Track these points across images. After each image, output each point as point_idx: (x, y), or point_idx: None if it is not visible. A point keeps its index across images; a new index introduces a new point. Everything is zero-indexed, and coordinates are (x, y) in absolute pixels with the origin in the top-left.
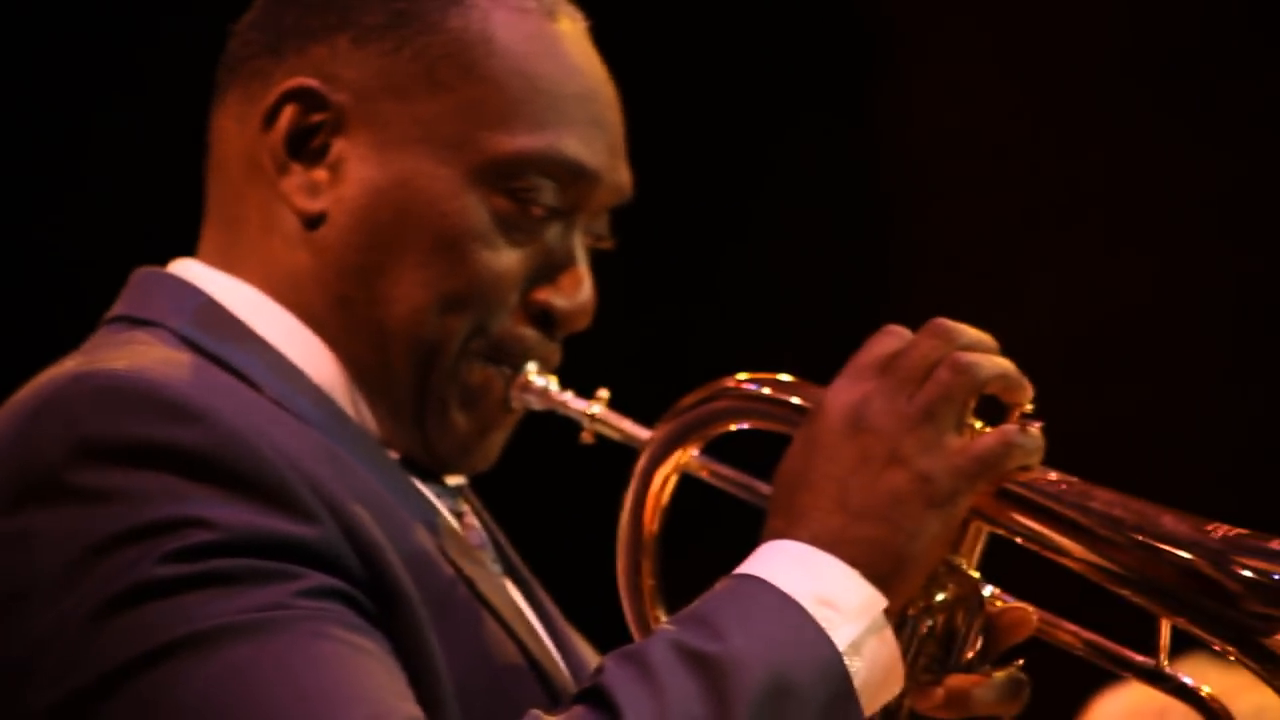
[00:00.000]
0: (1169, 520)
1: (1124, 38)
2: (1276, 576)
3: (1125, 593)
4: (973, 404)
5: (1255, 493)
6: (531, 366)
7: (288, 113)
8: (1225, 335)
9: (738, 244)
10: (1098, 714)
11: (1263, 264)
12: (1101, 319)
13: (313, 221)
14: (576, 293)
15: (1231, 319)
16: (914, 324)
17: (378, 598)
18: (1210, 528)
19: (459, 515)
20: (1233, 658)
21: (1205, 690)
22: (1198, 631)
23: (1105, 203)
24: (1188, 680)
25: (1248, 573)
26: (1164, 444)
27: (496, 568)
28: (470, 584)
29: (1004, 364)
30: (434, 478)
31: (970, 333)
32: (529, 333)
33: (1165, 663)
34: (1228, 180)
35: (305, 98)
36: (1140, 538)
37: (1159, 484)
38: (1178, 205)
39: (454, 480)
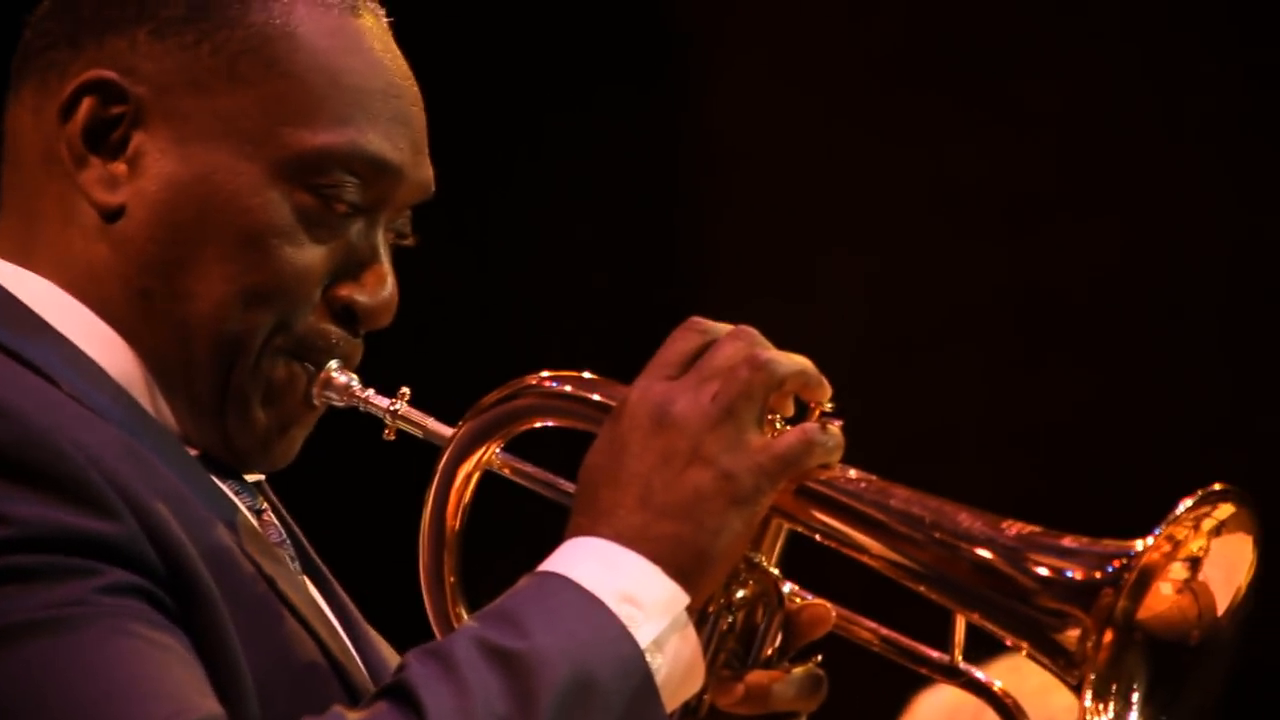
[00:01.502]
0: (965, 518)
1: (920, 36)
2: (1068, 574)
3: (922, 589)
4: (774, 401)
5: (1046, 488)
6: (334, 363)
7: (86, 105)
8: (1022, 329)
9: (537, 242)
10: (918, 711)
11: (1059, 256)
12: (900, 315)
13: (111, 215)
14: (379, 289)
15: (1024, 313)
16: (714, 318)
17: (179, 595)
18: (1005, 525)
19: (258, 513)
20: (1025, 652)
21: (997, 685)
22: (992, 627)
23: (904, 199)
24: (980, 675)
25: (1041, 569)
26: (958, 440)
27: (295, 566)
28: (270, 582)
29: (803, 362)
30: (233, 474)
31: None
32: (332, 329)
33: (959, 658)
34: (1020, 175)
35: (103, 90)
36: (938, 535)
37: (953, 480)
38: (972, 200)
39: (253, 477)
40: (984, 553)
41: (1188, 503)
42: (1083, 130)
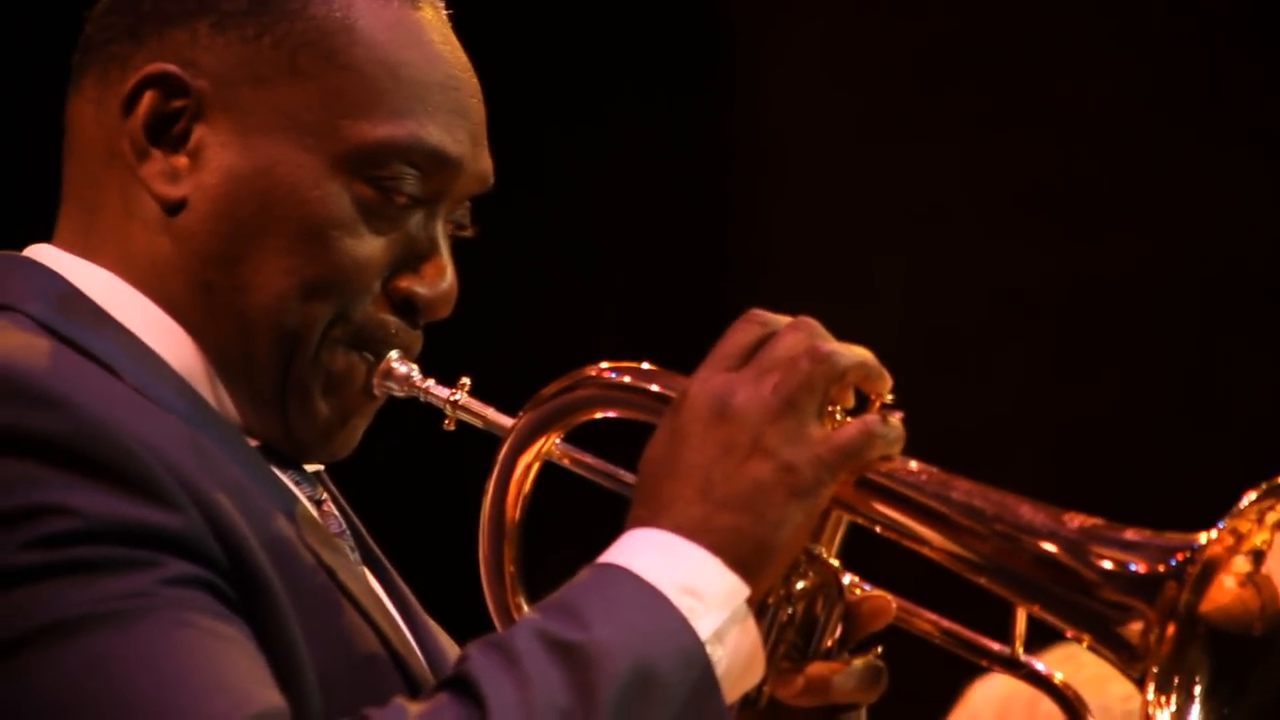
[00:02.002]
0: (1027, 510)
1: (968, 36)
2: (1131, 567)
3: (983, 581)
4: (835, 393)
5: (1089, 486)
6: (394, 354)
7: (147, 98)
8: (1064, 328)
9: (592, 238)
10: (971, 701)
11: (1101, 255)
12: (942, 313)
13: (173, 208)
14: (439, 281)
15: (1067, 312)
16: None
17: (240, 586)
18: (1067, 517)
19: (318, 503)
20: (1088, 645)
21: (1058, 677)
22: (1054, 619)
23: (955, 195)
24: (1041, 667)
25: (1104, 562)
26: (1000, 438)
27: (355, 556)
28: (331, 573)
29: (863, 354)
30: (293, 465)
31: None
32: (391, 320)
33: (1020, 651)
34: (1065, 174)
35: (165, 83)
36: (999, 527)
37: (995, 479)
38: (1024, 195)
39: (313, 467)
40: (1046, 545)
41: (1251, 496)
42: (1127, 130)
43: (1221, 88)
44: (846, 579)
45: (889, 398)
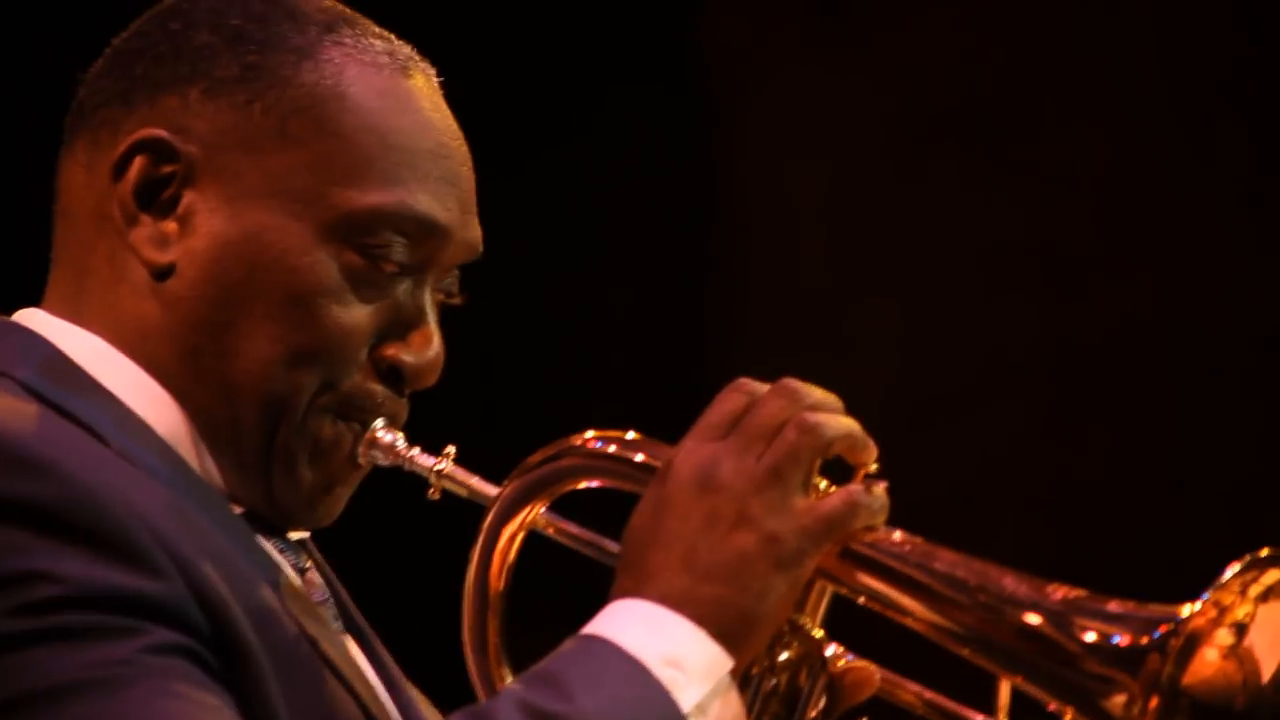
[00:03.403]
0: (1010, 581)
1: (957, 90)
2: (1115, 639)
3: (966, 652)
4: (819, 464)
5: (1092, 542)
6: (379, 422)
7: (138, 163)
8: (1055, 387)
9: (570, 296)
10: None
11: (1084, 314)
12: (931, 371)
13: (162, 273)
14: (426, 349)
15: (1058, 371)
16: (746, 373)
17: (223, 654)
18: (1050, 589)
19: (302, 571)
20: (1070, 718)
21: None
22: (1037, 691)
23: (938, 254)
24: None
25: (1088, 634)
26: (988, 498)
27: (338, 624)
28: (313, 642)
29: (849, 424)
30: (277, 532)
31: (816, 393)
32: (378, 388)
33: None
34: (1055, 232)
35: (155, 149)
36: (982, 598)
37: (983, 538)
38: (1014, 254)
39: (297, 535)
40: (1029, 617)
41: (1235, 568)
42: (1119, 188)
43: (1213, 147)
44: (830, 650)
45: (874, 467)
